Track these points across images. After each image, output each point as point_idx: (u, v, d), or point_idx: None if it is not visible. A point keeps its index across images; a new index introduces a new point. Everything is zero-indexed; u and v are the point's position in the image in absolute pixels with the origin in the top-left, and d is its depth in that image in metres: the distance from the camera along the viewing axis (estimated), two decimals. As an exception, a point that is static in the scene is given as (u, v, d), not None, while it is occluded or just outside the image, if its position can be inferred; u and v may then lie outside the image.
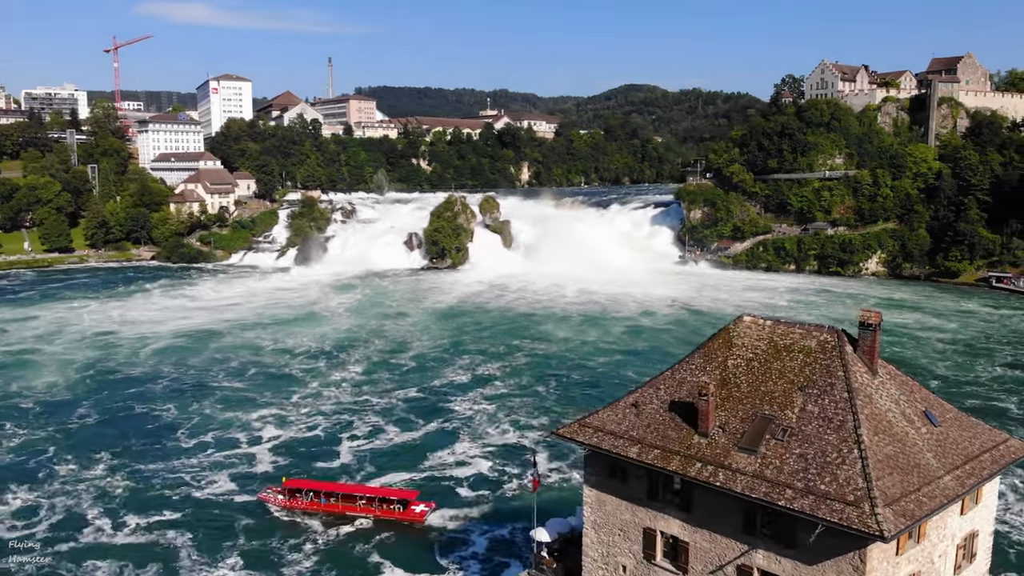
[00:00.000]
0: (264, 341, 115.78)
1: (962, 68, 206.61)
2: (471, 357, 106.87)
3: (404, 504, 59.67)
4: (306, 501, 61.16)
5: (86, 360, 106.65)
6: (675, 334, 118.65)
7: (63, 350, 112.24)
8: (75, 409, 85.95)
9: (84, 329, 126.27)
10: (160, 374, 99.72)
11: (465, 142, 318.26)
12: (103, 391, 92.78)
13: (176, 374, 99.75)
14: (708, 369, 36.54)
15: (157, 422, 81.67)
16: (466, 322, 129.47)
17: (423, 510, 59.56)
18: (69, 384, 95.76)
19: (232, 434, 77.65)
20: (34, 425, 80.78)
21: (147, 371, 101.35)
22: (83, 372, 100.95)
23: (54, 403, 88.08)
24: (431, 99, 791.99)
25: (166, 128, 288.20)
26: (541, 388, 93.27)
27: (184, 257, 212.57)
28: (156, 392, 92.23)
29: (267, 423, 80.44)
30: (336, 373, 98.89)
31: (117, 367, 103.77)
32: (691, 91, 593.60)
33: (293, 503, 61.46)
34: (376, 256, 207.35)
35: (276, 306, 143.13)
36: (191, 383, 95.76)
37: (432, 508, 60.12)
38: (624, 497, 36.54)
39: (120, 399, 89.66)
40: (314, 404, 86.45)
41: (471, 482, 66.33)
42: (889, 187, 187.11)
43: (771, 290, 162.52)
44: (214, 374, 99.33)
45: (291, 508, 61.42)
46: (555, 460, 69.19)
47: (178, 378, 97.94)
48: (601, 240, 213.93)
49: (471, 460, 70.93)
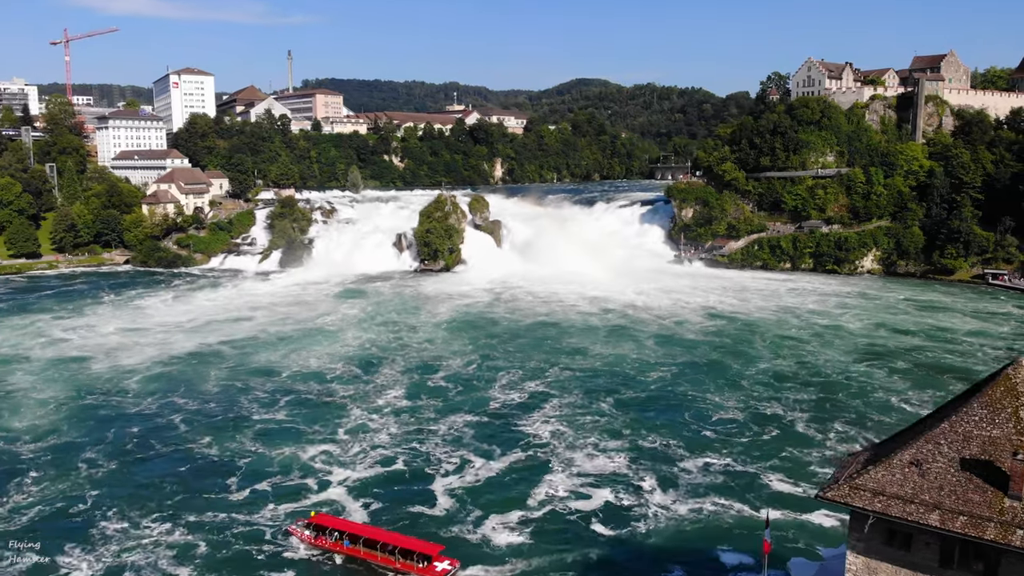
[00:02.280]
0: (279, 363, 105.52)
1: (945, 66, 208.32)
2: (509, 374, 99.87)
3: (426, 560, 53.40)
4: (330, 541, 56.09)
5: (75, 387, 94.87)
6: (715, 344, 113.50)
7: (39, 378, 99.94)
8: (84, 451, 75.14)
9: (66, 349, 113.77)
10: (175, 405, 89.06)
11: (437, 138, 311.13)
12: (109, 427, 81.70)
13: (195, 404, 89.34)
14: (998, 421, 32.40)
15: (194, 462, 72.47)
16: (485, 334, 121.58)
17: (446, 568, 53.20)
18: (66, 417, 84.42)
19: (294, 479, 68.70)
20: (50, 473, 70.18)
21: (157, 401, 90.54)
22: (76, 403, 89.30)
23: (57, 447, 76.76)
24: (381, 91, 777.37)
25: (127, 124, 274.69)
26: (603, 407, 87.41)
27: (161, 261, 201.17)
28: (178, 426, 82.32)
29: (328, 461, 71.74)
30: (376, 399, 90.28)
31: (116, 395, 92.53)
32: (645, 86, 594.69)
33: (318, 541, 56.43)
34: (365, 259, 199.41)
35: (278, 321, 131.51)
36: (219, 414, 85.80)
37: (456, 567, 53.69)
38: (907, 566, 32.26)
39: (137, 436, 79.34)
40: (370, 436, 78.08)
41: (602, 518, 61.31)
42: (882, 185, 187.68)
43: (794, 291, 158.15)
44: (242, 404, 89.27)
45: (316, 546, 56.44)
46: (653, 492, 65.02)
47: (200, 409, 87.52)
48: (592, 239, 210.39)
49: (580, 490, 65.35)
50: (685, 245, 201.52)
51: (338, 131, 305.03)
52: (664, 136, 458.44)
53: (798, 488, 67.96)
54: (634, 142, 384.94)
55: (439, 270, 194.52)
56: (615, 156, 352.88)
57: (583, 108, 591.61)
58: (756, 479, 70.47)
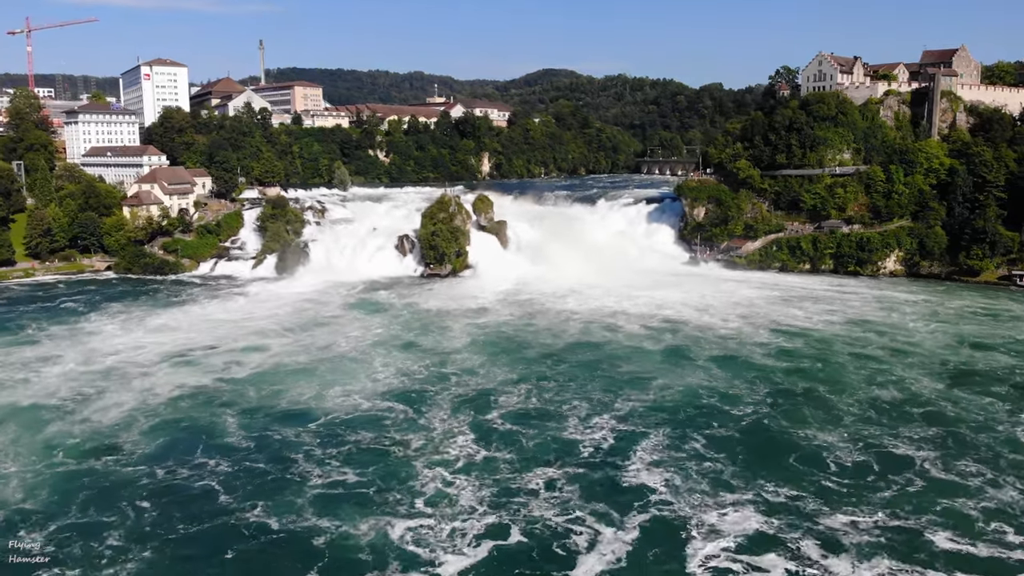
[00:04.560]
0: (311, 402, 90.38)
1: (957, 61, 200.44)
2: (574, 409, 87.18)
3: None
4: None
5: (60, 444, 78.45)
6: (791, 368, 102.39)
7: (28, 422, 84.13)
8: (100, 536, 60.55)
9: (55, 383, 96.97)
10: (198, 464, 73.86)
11: (423, 132, 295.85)
12: (120, 500, 66.74)
13: (225, 462, 74.12)
14: None
15: (253, 541, 58.96)
16: (523, 359, 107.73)
17: None
18: (61, 491, 68.44)
19: (394, 572, 55.81)
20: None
21: (172, 459, 74.92)
22: (67, 468, 73.36)
23: (63, 531, 61.60)
24: (345, 81, 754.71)
25: (97, 119, 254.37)
26: (698, 447, 75.99)
27: (147, 268, 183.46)
28: (214, 493, 67.89)
29: (424, 542, 58.87)
30: (441, 448, 76.83)
31: (116, 455, 76.22)
32: (616, 77, 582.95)
33: None
34: (367, 263, 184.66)
35: (293, 347, 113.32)
36: (262, 475, 71.23)
37: None
38: None
39: (161, 509, 65.07)
40: (457, 501, 65.50)
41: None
42: (903, 183, 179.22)
43: (838, 297, 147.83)
44: (287, 459, 74.54)
45: None
46: None
47: (235, 469, 72.45)
48: (600, 240, 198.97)
49: (742, 559, 55.82)
50: (699, 246, 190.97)
51: (319, 125, 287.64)
52: (638, 128, 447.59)
53: (975, 547, 59.30)
54: (613, 134, 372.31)
55: (446, 275, 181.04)
56: (600, 150, 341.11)
57: (555, 99, 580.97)
58: (919, 537, 61.27)
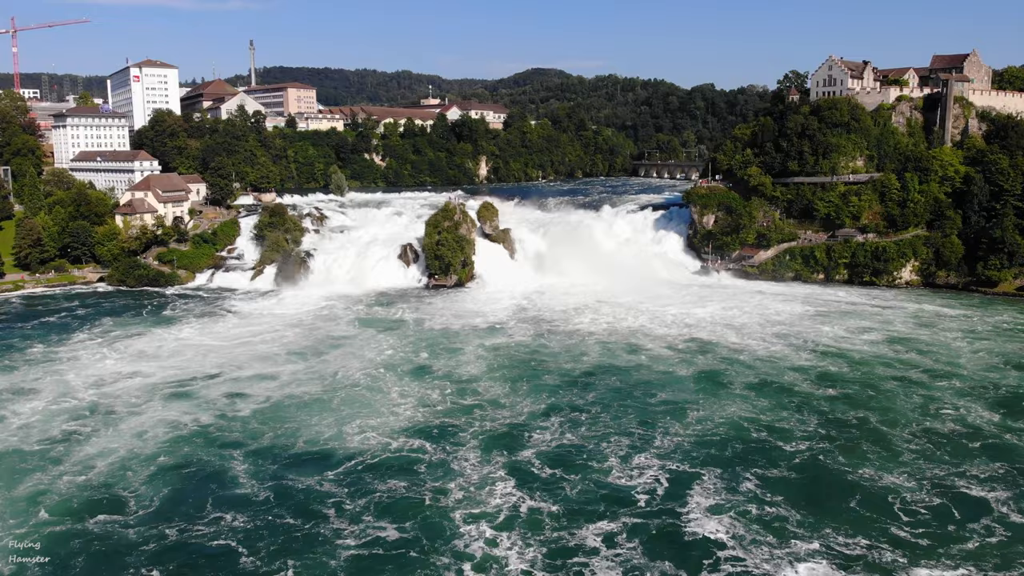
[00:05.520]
0: (330, 442, 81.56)
1: (968, 66, 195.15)
2: (612, 445, 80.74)
3: None
4: None
5: (58, 483, 71.72)
6: (835, 396, 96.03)
7: (1, 473, 74.88)
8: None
9: (33, 423, 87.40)
10: (209, 520, 66.03)
11: (419, 135, 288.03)
12: (122, 568, 58.98)
13: (240, 516, 66.26)
14: None
15: None
16: (546, 386, 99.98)
17: None
18: (52, 541, 62.05)
19: None
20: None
21: (179, 515, 66.74)
22: (60, 511, 66.34)
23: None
24: (332, 80, 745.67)
25: (87, 122, 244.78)
26: (752, 488, 70.28)
27: (141, 280, 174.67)
28: (234, 554, 60.77)
29: None
30: (479, 497, 69.37)
31: (121, 494, 69.63)
32: (607, 77, 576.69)
33: None
34: (370, 274, 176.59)
35: (302, 375, 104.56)
36: (283, 532, 63.63)
37: None
38: None
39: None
40: (508, 564, 58.28)
41: None
42: (918, 192, 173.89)
43: (860, 312, 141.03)
44: (309, 512, 66.98)
45: None
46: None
47: (250, 526, 64.53)
48: (607, 248, 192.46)
49: None
50: (711, 255, 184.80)
51: (314, 128, 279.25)
52: (631, 129, 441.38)
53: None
54: (612, 137, 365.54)
55: (452, 285, 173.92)
56: (597, 152, 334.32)
57: (545, 99, 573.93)
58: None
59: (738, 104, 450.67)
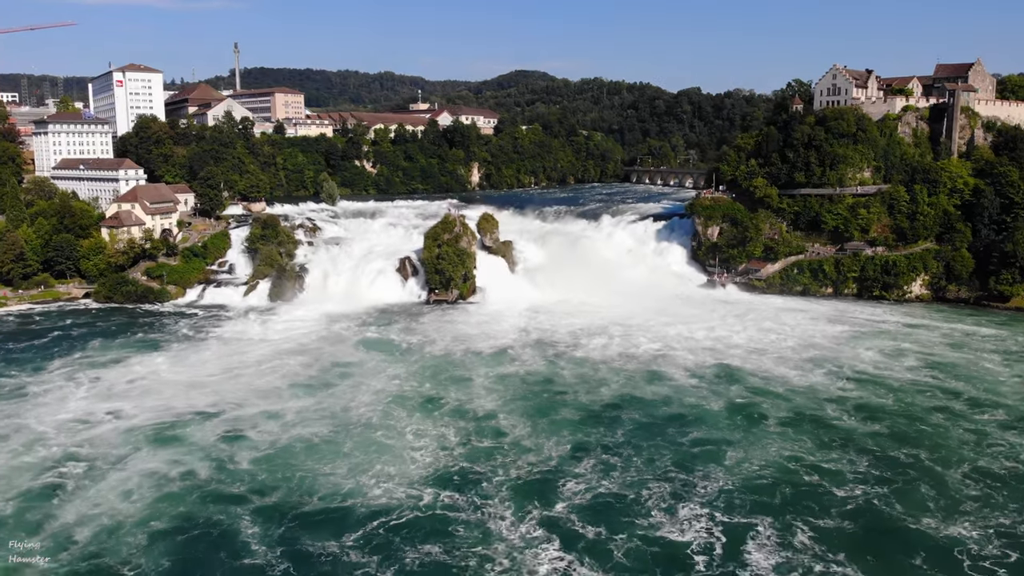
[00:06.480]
0: (345, 497, 72.68)
1: (973, 75, 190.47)
2: (650, 493, 74.52)
3: None
4: None
5: (36, 552, 62.79)
6: (878, 431, 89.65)
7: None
8: None
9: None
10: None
11: (411, 141, 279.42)
12: None
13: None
14: None
15: None
16: (568, 423, 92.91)
17: None
18: None
19: None
20: None
21: (191, 574, 59.66)
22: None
23: None
24: (314, 81, 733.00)
25: (68, 129, 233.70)
26: (806, 541, 65.50)
27: (130, 296, 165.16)
28: None
29: None
30: (531, 566, 62.17)
31: (114, 567, 61.10)
32: (592, 80, 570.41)
33: None
34: (368, 289, 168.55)
35: (308, 413, 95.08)
36: None
37: None
38: None
39: None
40: None
41: None
42: (927, 204, 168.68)
43: (887, 331, 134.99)
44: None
45: None
46: None
47: None
48: (609, 260, 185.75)
49: None
50: (716, 268, 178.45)
51: (303, 134, 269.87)
52: (618, 132, 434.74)
53: None
54: (603, 142, 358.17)
55: (453, 300, 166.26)
56: (589, 158, 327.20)
57: (531, 102, 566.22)
58: None
59: (725, 108, 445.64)
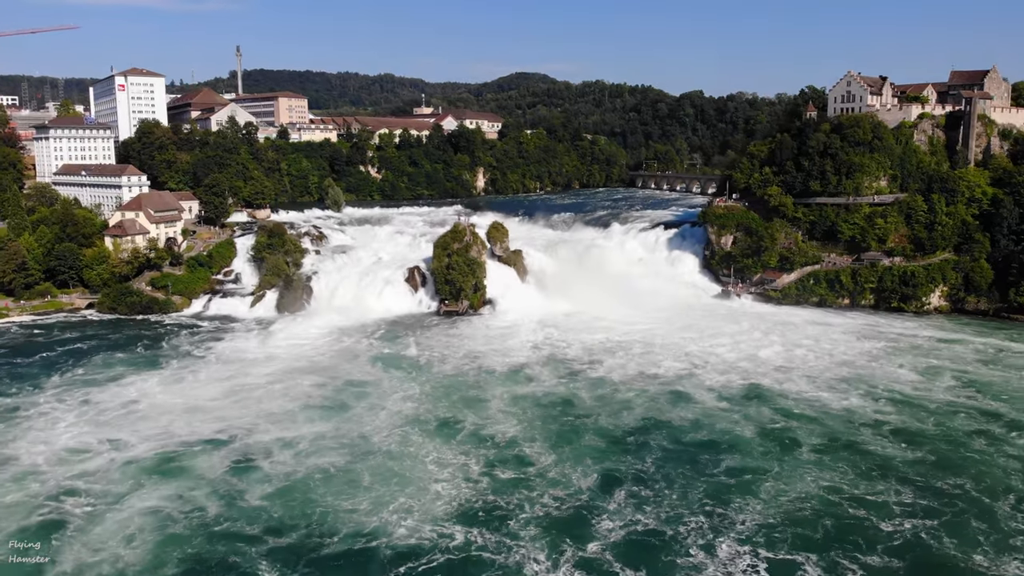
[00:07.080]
0: (369, 537, 68.05)
1: (988, 83, 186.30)
2: (691, 529, 70.77)
3: None
4: None
5: None
6: (917, 459, 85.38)
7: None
8: None
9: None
10: None
11: (415, 146, 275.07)
12: None
13: None
14: None
15: None
16: (598, 449, 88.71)
17: None
18: None
19: None
20: None
21: None
22: None
23: None
24: (314, 83, 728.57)
25: (70, 134, 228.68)
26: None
27: (134, 307, 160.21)
28: None
29: None
30: None
31: None
32: (594, 83, 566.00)
33: None
34: (377, 299, 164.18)
35: (322, 440, 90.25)
36: None
37: None
38: None
39: None
40: None
41: None
42: (945, 214, 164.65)
43: (918, 347, 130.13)
44: None
45: None
46: None
47: None
48: (621, 269, 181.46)
49: None
50: (730, 278, 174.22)
51: (307, 139, 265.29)
52: (620, 136, 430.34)
53: None
54: (607, 147, 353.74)
55: (464, 311, 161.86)
56: (594, 163, 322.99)
57: (532, 105, 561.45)
58: None
59: (727, 112, 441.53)
